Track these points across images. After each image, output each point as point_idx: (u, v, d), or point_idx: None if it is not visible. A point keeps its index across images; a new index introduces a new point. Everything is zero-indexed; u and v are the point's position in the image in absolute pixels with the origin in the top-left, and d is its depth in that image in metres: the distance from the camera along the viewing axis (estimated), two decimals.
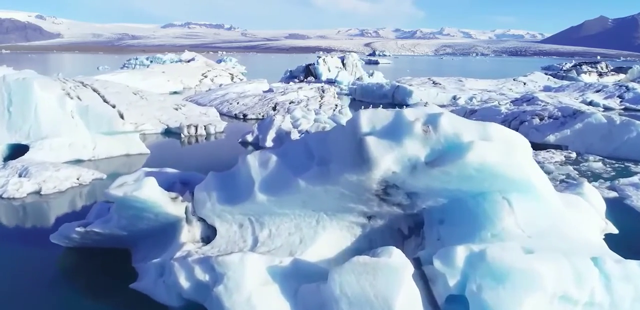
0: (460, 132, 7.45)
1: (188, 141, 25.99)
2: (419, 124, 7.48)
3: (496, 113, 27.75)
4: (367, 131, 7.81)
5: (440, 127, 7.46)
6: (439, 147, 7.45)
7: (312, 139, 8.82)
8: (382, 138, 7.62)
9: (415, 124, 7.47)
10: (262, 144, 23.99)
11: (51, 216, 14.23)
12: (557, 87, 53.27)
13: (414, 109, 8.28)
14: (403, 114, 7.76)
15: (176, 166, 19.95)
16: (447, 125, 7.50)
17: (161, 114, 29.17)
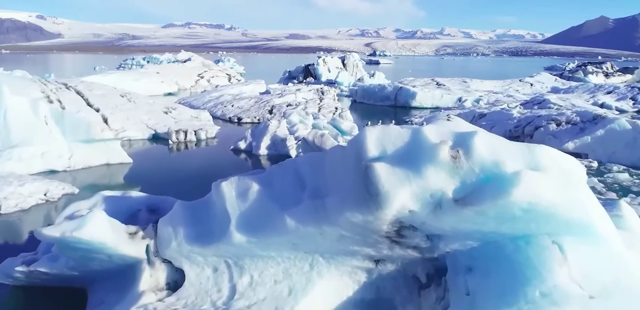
0: (501, 158, 5.55)
1: (176, 148, 24.09)
2: (446, 147, 5.58)
3: (508, 117, 25.86)
4: (376, 156, 5.92)
5: (475, 152, 5.56)
6: (472, 178, 5.55)
7: (304, 163, 6.93)
8: (395, 165, 5.73)
9: (441, 147, 5.56)
10: (255, 151, 22.10)
11: (3, 242, 12.33)
12: (565, 88, 51.30)
13: (435, 125, 6.37)
14: (423, 133, 5.86)
15: (158, 179, 18.34)
16: (484, 149, 5.60)
17: (149, 118, 27.28)
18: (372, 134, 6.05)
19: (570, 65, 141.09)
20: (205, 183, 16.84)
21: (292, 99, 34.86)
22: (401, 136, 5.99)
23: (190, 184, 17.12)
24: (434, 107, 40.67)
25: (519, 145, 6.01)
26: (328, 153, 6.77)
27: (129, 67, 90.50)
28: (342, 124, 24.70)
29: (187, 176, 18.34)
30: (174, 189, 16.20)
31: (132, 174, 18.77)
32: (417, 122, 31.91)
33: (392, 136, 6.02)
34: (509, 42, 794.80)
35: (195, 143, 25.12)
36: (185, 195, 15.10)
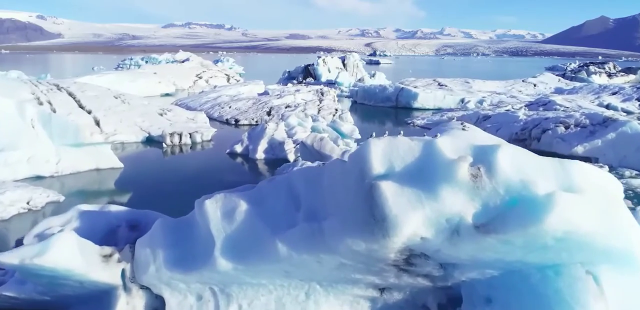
0: (531, 177, 4.71)
1: (171, 151, 23.25)
2: (465, 164, 4.73)
3: (514, 119, 25.02)
4: (382, 173, 5.08)
5: (499, 170, 4.72)
6: (496, 201, 4.71)
7: (299, 178, 6.08)
8: (405, 185, 4.89)
9: (459, 164, 4.72)
10: (252, 155, 21.26)
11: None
12: (569, 89, 50.46)
13: (450, 136, 5.53)
14: (437, 147, 5.02)
15: (149, 185, 17.38)
16: (509, 165, 4.76)
17: (143, 120, 26.44)
18: (377, 147, 5.20)
19: (571, 66, 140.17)
20: (197, 191, 15.95)
21: (291, 100, 34.02)
22: (411, 150, 5.15)
23: (182, 192, 16.28)
24: (436, 108, 39.82)
25: (550, 161, 5.16)
26: (326, 168, 5.92)
27: (127, 68, 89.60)
28: (343, 127, 23.86)
29: (180, 183, 17.51)
30: (164, 197, 15.38)
31: (123, 180, 17.94)
32: (420, 124, 31.09)
33: (400, 150, 5.17)
34: (509, 42, 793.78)
35: (191, 146, 24.29)
36: (176, 204, 14.24)
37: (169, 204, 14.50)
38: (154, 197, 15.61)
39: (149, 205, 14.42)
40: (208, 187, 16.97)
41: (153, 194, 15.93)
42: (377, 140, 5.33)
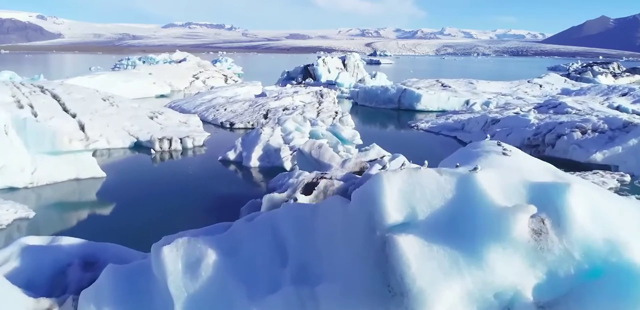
0: (620, 236, 3.22)
1: (159, 158, 21.76)
2: (524, 216, 3.24)
3: (525, 124, 23.53)
4: (399, 221, 3.60)
5: (574, 223, 3.24)
6: (569, 269, 3.22)
7: (287, 220, 4.59)
8: (433, 241, 3.42)
9: (516, 216, 3.23)
10: (245, 163, 19.77)
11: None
12: (577, 90, 48.98)
13: (490, 166, 4.04)
14: (479, 186, 3.54)
15: (130, 199, 15.55)
16: (588, 217, 3.27)
17: (132, 124, 24.96)
18: (392, 185, 3.71)
19: (574, 66, 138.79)
20: (181, 206, 14.49)
21: (289, 102, 32.54)
22: (441, 190, 3.67)
23: (164, 208, 14.85)
24: (440, 110, 38.34)
25: (632, 204, 3.67)
26: (323, 208, 4.43)
27: (124, 68, 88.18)
28: (343, 131, 22.39)
29: (164, 195, 16.03)
30: (143, 214, 13.92)
31: (103, 192, 16.46)
32: (424, 128, 29.61)
33: (425, 189, 3.69)
34: (510, 42, 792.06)
35: (181, 152, 22.80)
36: (154, 226, 12.83)
37: (147, 225, 13.09)
38: (131, 215, 14.15)
39: (123, 225, 12.95)
40: (194, 202, 15.53)
41: (132, 211, 14.46)
42: (392, 174, 3.85)
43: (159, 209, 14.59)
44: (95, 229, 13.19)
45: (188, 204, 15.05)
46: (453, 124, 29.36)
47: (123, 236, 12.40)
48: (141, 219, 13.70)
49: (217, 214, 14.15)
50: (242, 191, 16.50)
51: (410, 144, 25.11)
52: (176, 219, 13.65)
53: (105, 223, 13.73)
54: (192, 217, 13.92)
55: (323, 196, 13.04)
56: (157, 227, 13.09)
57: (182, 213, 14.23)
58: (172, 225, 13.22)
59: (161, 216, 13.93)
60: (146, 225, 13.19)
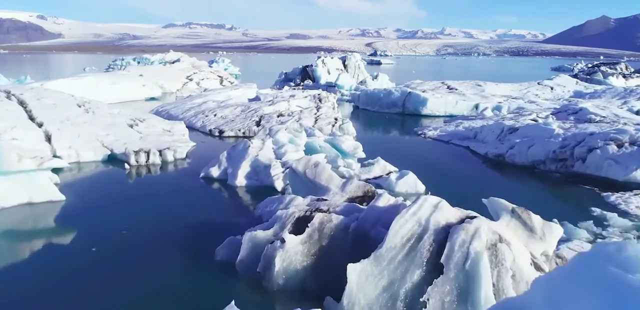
0: None
1: (135, 173, 19.12)
2: None
3: (548, 134, 20.88)
4: None
5: None
6: None
7: None
8: None
9: None
10: (231, 181, 17.13)
11: None
12: (590, 92, 46.33)
13: None
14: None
15: (87, 230, 12.23)
16: None
17: (107, 133, 22.32)
18: None
19: (578, 66, 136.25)
20: (149, 240, 11.84)
21: (285, 107, 29.92)
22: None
23: (128, 242, 12.24)
24: (448, 115, 35.72)
25: None
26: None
27: (118, 68, 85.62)
28: (343, 143, 19.77)
29: (129, 225, 13.38)
30: (101, 249, 11.27)
31: (58, 220, 13.83)
32: (432, 136, 26.96)
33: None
34: (510, 41, 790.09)
35: (160, 166, 20.16)
36: (112, 265, 10.24)
37: (100, 265, 10.48)
38: (84, 251, 11.53)
39: (72, 266, 10.24)
40: (164, 234, 12.63)
41: (85, 245, 11.83)
42: None
43: (119, 243, 11.97)
44: (41, 268, 10.64)
45: (156, 237, 12.44)
46: (464, 131, 26.71)
47: (72, 279, 9.85)
48: (94, 257, 11.09)
49: (189, 253, 11.54)
50: (223, 219, 13.87)
51: (418, 156, 22.47)
52: (137, 260, 11.03)
53: (53, 260, 11.12)
54: (157, 256, 11.29)
55: (318, 236, 10.45)
56: (112, 268, 10.50)
57: (146, 250, 11.60)
58: (132, 268, 10.66)
59: (119, 254, 11.31)
60: (98, 266, 10.60)
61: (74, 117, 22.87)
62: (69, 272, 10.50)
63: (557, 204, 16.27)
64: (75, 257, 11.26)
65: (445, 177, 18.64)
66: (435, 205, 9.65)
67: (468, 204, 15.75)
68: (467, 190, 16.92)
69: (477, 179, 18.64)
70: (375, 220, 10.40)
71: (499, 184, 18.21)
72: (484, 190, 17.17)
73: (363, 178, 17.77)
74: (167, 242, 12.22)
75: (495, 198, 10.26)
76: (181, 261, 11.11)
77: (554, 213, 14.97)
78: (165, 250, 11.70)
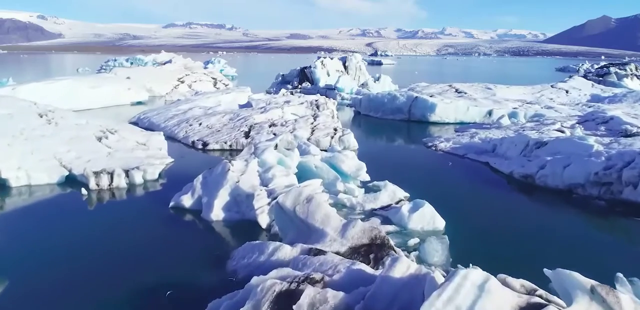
0: None
1: (95, 200, 15.92)
2: None
3: (584, 150, 17.68)
4: None
5: None
6: None
7: None
8: None
9: None
10: (205, 213, 13.93)
11: None
12: (609, 96, 43.11)
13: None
14: None
15: (14, 284, 9.24)
16: None
17: (68, 149, 19.13)
18: None
19: (583, 66, 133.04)
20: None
21: (278, 115, 26.72)
22: None
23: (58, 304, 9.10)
24: (458, 122, 32.56)
25: None
26: None
27: (109, 69, 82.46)
28: (344, 163, 16.59)
29: (65, 280, 10.21)
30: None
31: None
32: (445, 149, 23.74)
33: None
34: (511, 41, 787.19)
35: (127, 190, 16.96)
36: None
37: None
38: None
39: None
40: (106, 296, 9.59)
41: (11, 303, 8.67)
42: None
43: (42, 298, 8.81)
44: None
45: (91, 293, 9.29)
46: (481, 144, 23.51)
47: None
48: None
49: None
50: (185, 270, 10.68)
51: (431, 176, 19.25)
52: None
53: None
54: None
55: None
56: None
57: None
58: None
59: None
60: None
61: (30, 130, 19.70)
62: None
63: (610, 244, 13.07)
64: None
65: (466, 205, 15.46)
66: (480, 286, 6.45)
67: (500, 247, 12.59)
68: (496, 225, 13.74)
69: (506, 209, 15.44)
70: (389, 301, 7.23)
71: (532, 215, 15.01)
72: (516, 223, 13.98)
73: (368, 208, 14.59)
74: (103, 301, 9.07)
75: (565, 271, 7.05)
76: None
77: (610, 258, 11.80)
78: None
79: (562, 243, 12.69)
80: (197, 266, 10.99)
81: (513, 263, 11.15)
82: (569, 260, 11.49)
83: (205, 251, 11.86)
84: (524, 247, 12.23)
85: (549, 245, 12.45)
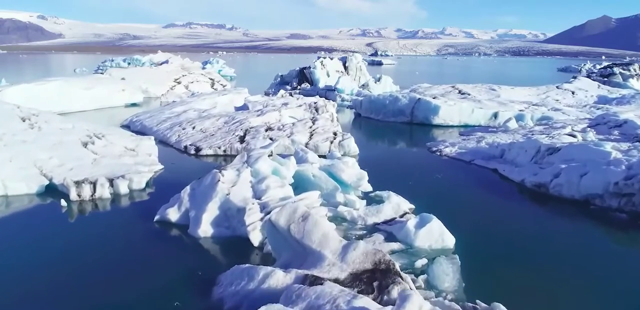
0: None
1: (76, 212, 14.76)
2: None
3: (602, 157, 16.51)
4: None
5: None
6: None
7: None
8: None
9: None
10: (192, 229, 12.76)
11: None
12: (617, 98, 41.92)
13: None
14: None
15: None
16: None
17: (51, 156, 17.97)
18: None
19: (585, 66, 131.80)
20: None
21: (275, 118, 25.55)
22: None
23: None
24: (462, 125, 31.40)
25: None
26: None
27: (106, 70, 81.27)
28: (344, 172, 15.41)
29: (31, 299, 9.05)
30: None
31: None
32: (450, 154, 22.57)
33: None
34: (511, 41, 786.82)
35: (111, 200, 15.79)
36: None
37: None
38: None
39: None
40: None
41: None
42: None
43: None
44: None
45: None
46: (488, 149, 22.34)
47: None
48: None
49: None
50: (166, 301, 9.49)
51: (437, 185, 18.06)
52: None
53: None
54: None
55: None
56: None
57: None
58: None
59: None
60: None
61: (11, 136, 18.54)
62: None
63: (635, 261, 11.88)
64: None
65: (476, 218, 14.28)
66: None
67: (516, 268, 11.41)
68: (510, 241, 12.57)
69: (520, 222, 14.25)
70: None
71: (548, 229, 13.80)
72: (532, 240, 12.77)
73: (370, 222, 13.42)
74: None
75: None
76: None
77: (637, 280, 10.65)
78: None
79: (583, 261, 11.53)
80: (179, 292, 9.81)
81: (531, 287, 10.00)
82: (593, 283, 10.34)
83: (189, 274, 10.68)
84: (541, 268, 11.06)
85: (567, 263, 11.30)
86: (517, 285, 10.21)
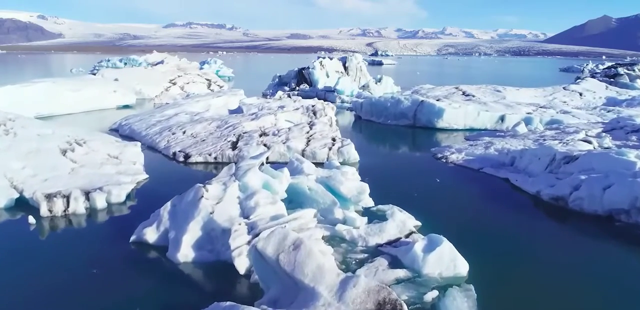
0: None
1: (49, 228, 13.31)
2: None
3: (625, 167, 15.06)
4: None
5: None
6: None
7: None
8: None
9: None
10: (171, 253, 11.28)
11: None
12: (627, 99, 40.47)
13: None
14: None
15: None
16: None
17: (23, 166, 16.52)
18: None
19: (588, 66, 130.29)
20: None
21: (270, 123, 24.09)
22: None
23: None
24: (468, 128, 29.95)
25: None
26: None
27: (100, 70, 79.81)
28: (343, 185, 13.95)
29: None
30: None
31: None
32: (457, 162, 21.09)
33: None
34: (511, 41, 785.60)
35: (87, 215, 14.34)
36: None
37: None
38: None
39: None
40: None
41: None
42: None
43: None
44: None
45: None
46: (498, 156, 20.88)
47: None
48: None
49: None
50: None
51: (444, 197, 16.59)
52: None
53: None
54: None
55: None
56: None
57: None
58: None
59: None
60: None
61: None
62: None
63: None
64: None
65: (490, 238, 12.81)
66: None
67: (539, 299, 10.00)
68: (530, 266, 11.09)
69: (539, 243, 12.76)
70: None
71: (571, 250, 12.34)
72: (554, 265, 11.25)
73: (372, 243, 11.95)
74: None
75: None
76: None
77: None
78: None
79: (617, 289, 10.07)
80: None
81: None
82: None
83: (161, 308, 9.21)
84: (566, 298, 9.61)
85: (594, 289, 9.86)
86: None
